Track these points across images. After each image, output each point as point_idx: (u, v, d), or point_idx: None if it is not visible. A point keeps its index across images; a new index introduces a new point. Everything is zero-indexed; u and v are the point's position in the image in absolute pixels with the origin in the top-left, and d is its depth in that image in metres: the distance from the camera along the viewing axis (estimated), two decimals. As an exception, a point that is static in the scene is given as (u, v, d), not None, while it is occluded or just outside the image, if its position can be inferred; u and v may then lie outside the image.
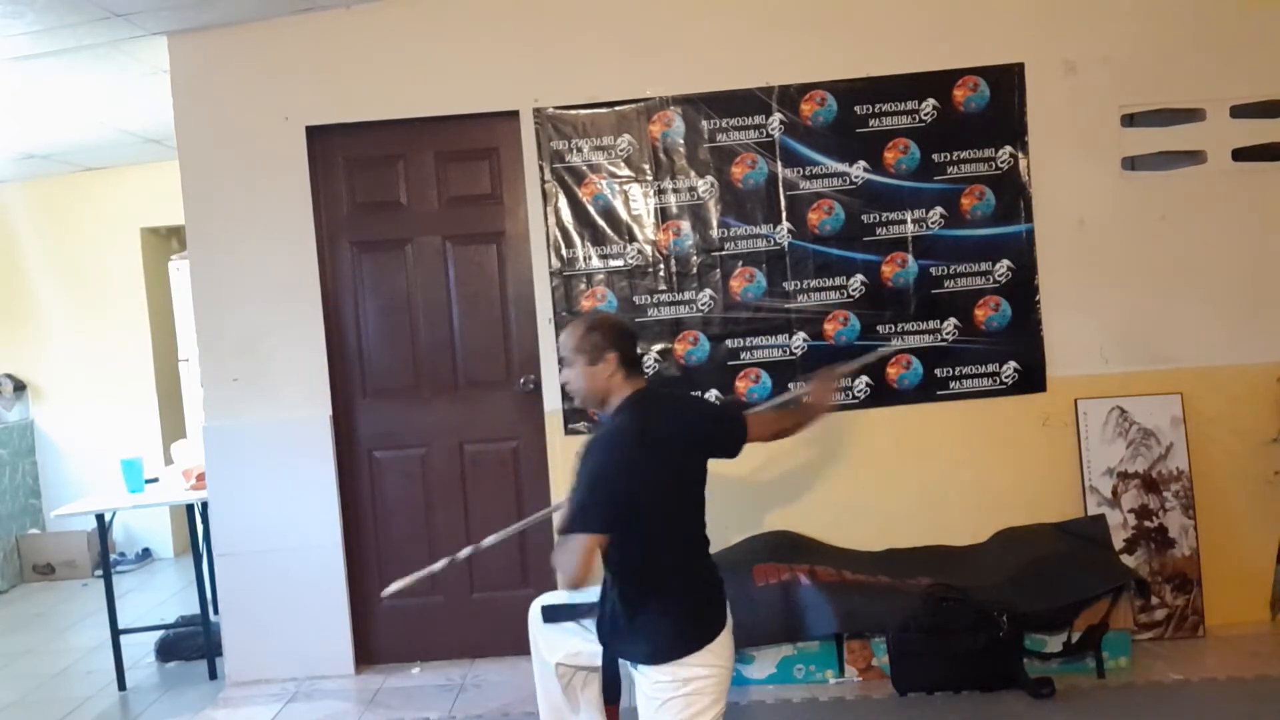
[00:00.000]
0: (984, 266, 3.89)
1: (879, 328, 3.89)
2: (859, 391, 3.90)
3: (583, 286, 3.92)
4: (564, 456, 3.91)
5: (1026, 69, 3.86)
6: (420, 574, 2.92)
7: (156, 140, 5.32)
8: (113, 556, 5.39)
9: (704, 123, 3.89)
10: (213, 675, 4.08)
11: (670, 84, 3.88)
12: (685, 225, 3.91)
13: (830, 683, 3.58)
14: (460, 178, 4.03)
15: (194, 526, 4.31)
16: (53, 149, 5.47)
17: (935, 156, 3.87)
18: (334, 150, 4.00)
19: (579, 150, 3.91)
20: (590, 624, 2.57)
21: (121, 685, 4.05)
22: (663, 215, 3.91)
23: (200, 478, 4.11)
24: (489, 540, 2.95)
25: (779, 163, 3.89)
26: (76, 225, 6.11)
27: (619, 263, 3.92)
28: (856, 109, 3.87)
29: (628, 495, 2.32)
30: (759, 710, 3.42)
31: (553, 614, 2.67)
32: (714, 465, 3.87)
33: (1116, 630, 3.49)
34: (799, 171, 3.89)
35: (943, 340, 3.90)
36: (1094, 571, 3.51)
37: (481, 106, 3.92)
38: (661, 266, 3.92)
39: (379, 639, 4.08)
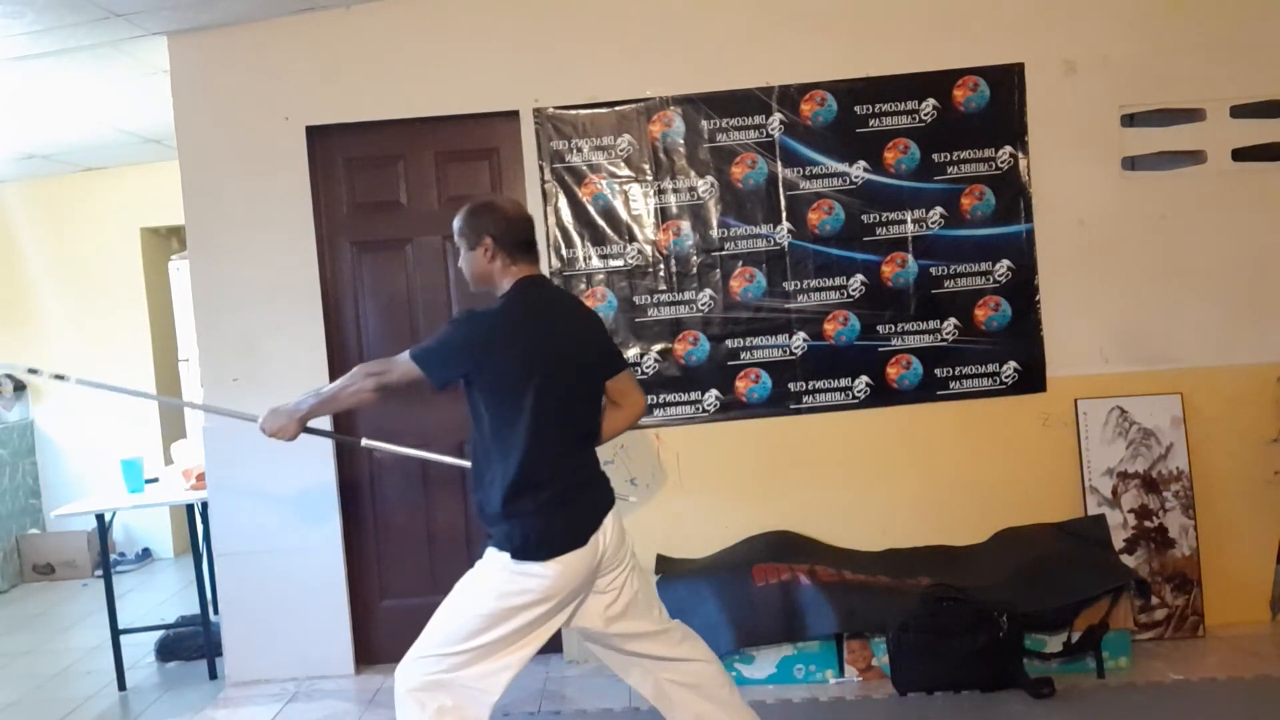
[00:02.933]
0: (984, 266, 3.89)
1: (879, 327, 3.90)
2: (859, 391, 3.90)
3: (583, 286, 3.92)
4: (564, 456, 3.92)
5: (1026, 69, 3.86)
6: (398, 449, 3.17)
7: (156, 140, 5.33)
8: (113, 556, 5.39)
9: (704, 123, 3.89)
10: (213, 675, 4.08)
11: (670, 84, 3.88)
12: (685, 225, 3.91)
13: (830, 683, 3.58)
14: (460, 178, 4.03)
15: (194, 526, 4.32)
16: (53, 149, 5.47)
17: (935, 156, 3.88)
18: (334, 150, 4.00)
19: (579, 150, 3.91)
20: None
21: (121, 685, 4.05)
22: (663, 215, 3.91)
23: (200, 478, 4.11)
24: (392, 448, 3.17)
25: (779, 163, 3.89)
26: (76, 225, 6.11)
27: (619, 263, 3.92)
28: (856, 109, 3.87)
29: (467, 370, 2.42)
30: (759, 710, 3.38)
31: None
32: (715, 468, 3.91)
33: (1116, 630, 3.50)
34: (799, 171, 3.89)
35: (943, 340, 3.90)
36: (1094, 571, 3.51)
37: (481, 106, 3.92)
38: (661, 266, 3.92)
39: (379, 639, 4.08)
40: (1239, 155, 3.91)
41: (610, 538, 2.47)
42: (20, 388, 6.21)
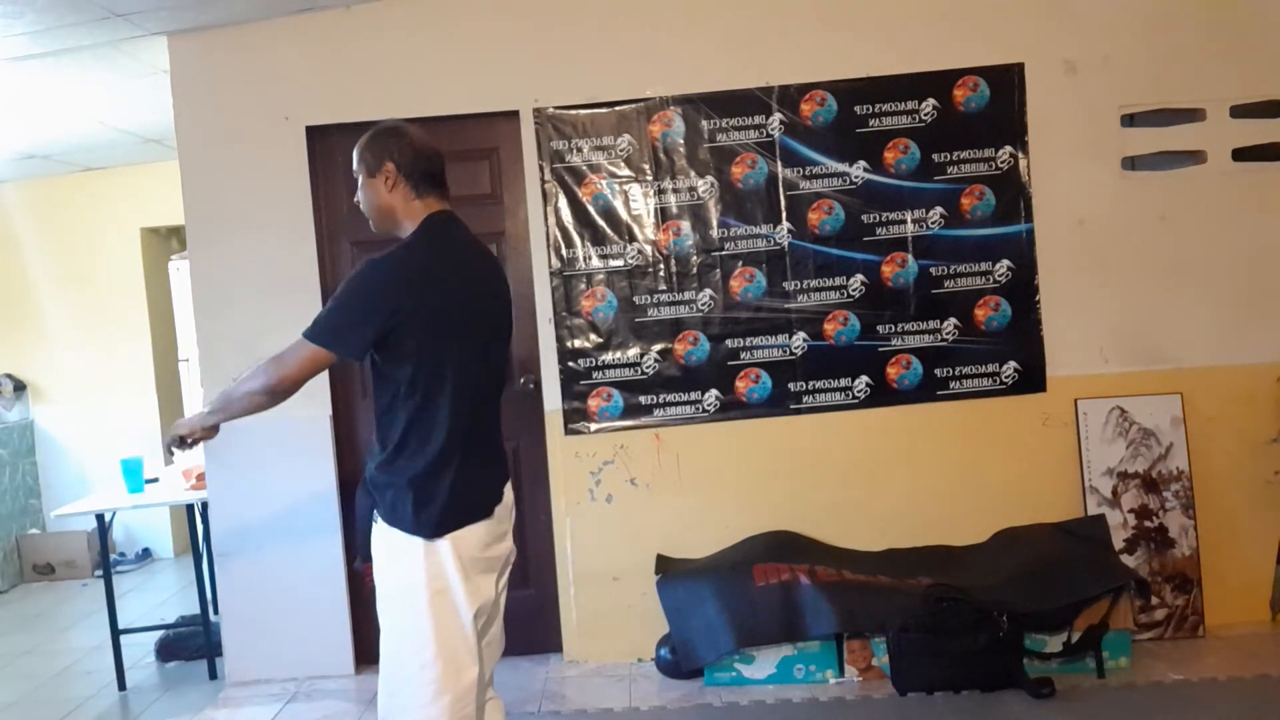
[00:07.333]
0: (984, 266, 3.89)
1: (879, 328, 3.90)
2: (859, 391, 3.90)
3: (583, 286, 3.92)
4: (564, 457, 3.92)
5: (1026, 69, 3.86)
6: None
7: (156, 140, 5.32)
8: (113, 556, 5.39)
9: (704, 123, 3.89)
10: (213, 675, 4.08)
11: (670, 84, 3.88)
12: (685, 225, 3.91)
13: (830, 683, 3.58)
14: (460, 178, 3.98)
15: (194, 526, 4.32)
16: (53, 149, 5.47)
17: (935, 156, 3.88)
18: (334, 150, 3.99)
19: (579, 150, 3.90)
20: None
21: (121, 685, 4.05)
22: (663, 215, 3.91)
23: (200, 478, 4.11)
24: None
25: (779, 163, 3.89)
26: (76, 225, 6.10)
27: (619, 263, 3.92)
28: (856, 109, 3.87)
29: (387, 322, 2.12)
30: (759, 710, 3.42)
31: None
32: (715, 468, 3.91)
33: (1116, 630, 3.50)
34: (799, 171, 3.89)
35: (943, 340, 3.90)
36: (1094, 571, 3.52)
37: (481, 106, 3.92)
38: (661, 266, 3.92)
39: (379, 639, 4.07)
40: (1239, 155, 3.91)
41: (507, 506, 2.35)
42: (20, 387, 6.21)
